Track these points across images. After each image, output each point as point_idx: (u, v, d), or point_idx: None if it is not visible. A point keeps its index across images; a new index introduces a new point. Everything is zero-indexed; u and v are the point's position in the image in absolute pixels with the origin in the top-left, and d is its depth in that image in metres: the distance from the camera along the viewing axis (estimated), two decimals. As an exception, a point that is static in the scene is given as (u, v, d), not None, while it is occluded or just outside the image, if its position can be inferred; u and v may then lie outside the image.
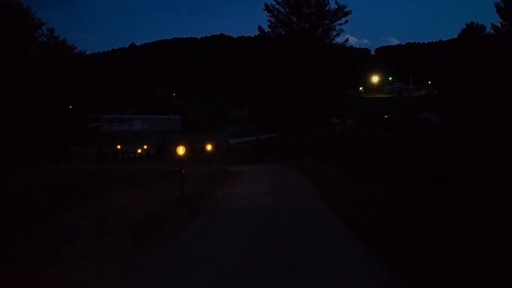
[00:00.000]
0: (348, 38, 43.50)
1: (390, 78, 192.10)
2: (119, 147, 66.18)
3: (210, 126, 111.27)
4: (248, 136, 80.00)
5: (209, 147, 22.59)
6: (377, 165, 11.85)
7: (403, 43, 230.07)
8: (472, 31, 64.44)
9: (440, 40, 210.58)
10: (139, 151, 51.05)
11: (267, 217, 8.35)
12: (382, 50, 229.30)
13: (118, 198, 13.43)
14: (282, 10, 41.63)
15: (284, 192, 12.34)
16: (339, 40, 42.63)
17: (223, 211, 9.41)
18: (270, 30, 41.72)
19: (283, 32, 42.06)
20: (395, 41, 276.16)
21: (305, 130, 39.00)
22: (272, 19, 41.48)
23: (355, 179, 12.84)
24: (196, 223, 8.09)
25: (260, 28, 41.53)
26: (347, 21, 41.04)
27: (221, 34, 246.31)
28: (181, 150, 11.99)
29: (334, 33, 41.20)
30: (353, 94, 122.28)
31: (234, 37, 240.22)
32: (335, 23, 40.89)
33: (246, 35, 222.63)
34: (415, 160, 9.23)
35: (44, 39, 50.43)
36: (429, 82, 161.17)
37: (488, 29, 62.08)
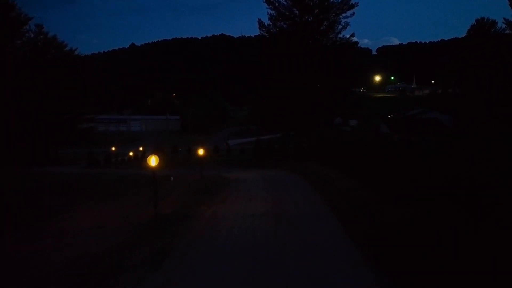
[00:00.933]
0: (354, 33, 40.34)
1: (392, 78, 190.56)
2: (113, 149, 63.57)
3: (209, 127, 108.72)
4: (249, 136, 77.49)
5: (201, 151, 19.68)
6: (411, 179, 9.02)
7: (405, 42, 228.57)
8: (483, 26, 61.43)
9: (442, 40, 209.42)
10: (131, 153, 48.20)
11: (267, 269, 5.51)
12: (383, 50, 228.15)
13: (77, 219, 10.65)
14: (284, 2, 38.73)
15: (289, 213, 9.48)
16: (345, 34, 39.61)
17: (204, 251, 6.56)
18: (270, 24, 38.72)
19: (284, 26, 39.10)
20: (395, 41, 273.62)
21: (307, 131, 36.17)
22: (273, 12, 38.54)
23: (380, 195, 10.02)
24: (159, 277, 5.27)
25: (259, 22, 38.55)
26: (353, 13, 38.10)
27: (222, 34, 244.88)
28: (153, 161, 9.07)
29: (340, 26, 38.26)
30: (357, 93, 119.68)
31: (235, 37, 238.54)
32: (341, 16, 37.95)
33: (246, 35, 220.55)
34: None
35: (32, 35, 47.77)
36: (432, 82, 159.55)
37: (500, 24, 59.34)
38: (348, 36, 39.51)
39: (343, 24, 38.42)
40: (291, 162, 26.90)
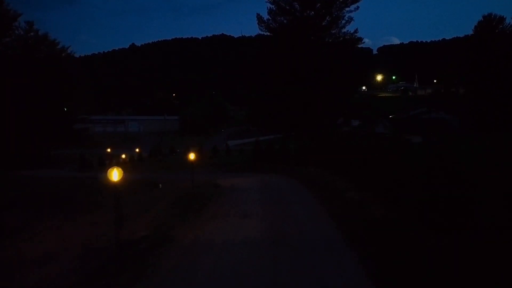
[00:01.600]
0: (357, 29, 38.29)
1: (394, 77, 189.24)
2: (109, 150, 61.71)
3: (209, 127, 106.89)
4: (249, 137, 75.73)
5: (192, 155, 17.65)
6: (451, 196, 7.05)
7: (406, 42, 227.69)
8: (490, 22, 59.18)
9: (444, 39, 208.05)
10: (123, 156, 46.13)
11: None
12: (384, 49, 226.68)
13: (33, 241, 8.77)
14: (284, -5, 36.73)
15: (290, 240, 7.50)
16: (349, 29, 37.55)
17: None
18: (269, 18, 36.68)
19: (284, 21, 37.07)
20: (396, 41, 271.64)
21: (310, 131, 34.24)
22: (272, 6, 36.51)
23: (404, 214, 8.07)
24: None
25: (258, 17, 36.54)
26: (357, 7, 36.12)
27: (222, 34, 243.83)
28: (115, 175, 7.08)
29: (343, 21, 36.21)
30: (359, 93, 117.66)
31: (235, 37, 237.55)
32: (344, 10, 35.93)
33: (247, 35, 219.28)
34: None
35: (22, 32, 45.74)
36: (435, 81, 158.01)
37: (509, 20, 57.35)
38: (352, 31, 37.52)
39: (346, 18, 36.44)
40: (292, 165, 24.94)
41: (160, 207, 11.90)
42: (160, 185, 19.20)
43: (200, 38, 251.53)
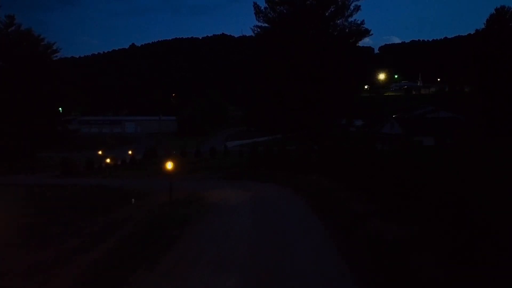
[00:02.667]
0: (364, 20, 34.59)
1: (396, 76, 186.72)
2: (100, 152, 58.72)
3: (208, 128, 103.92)
4: (249, 138, 73.17)
5: (169, 165, 14.27)
6: None
7: (407, 41, 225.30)
8: (503, 15, 55.56)
9: (446, 38, 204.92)
10: (108, 160, 42.88)
11: None
12: (386, 48, 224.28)
13: None
14: (283, -18, 33.16)
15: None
16: (356, 18, 33.84)
17: None
18: (267, 7, 33.06)
19: (284, 11, 33.59)
20: (396, 40, 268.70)
21: (313, 133, 30.92)
22: (270, -4, 32.96)
23: (466, 267, 4.83)
24: None
25: (255, 6, 32.99)
26: (364, -5, 32.50)
27: (222, 33, 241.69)
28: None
29: (350, 10, 32.64)
30: (362, 91, 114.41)
31: (235, 36, 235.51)
32: (351, -1, 32.34)
33: (247, 35, 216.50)
34: None
35: (1, 27, 42.45)
36: (438, 79, 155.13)
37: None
38: (359, 22, 33.88)
39: (353, 7, 32.85)
40: (293, 173, 21.67)
41: (108, 245, 8.56)
42: (133, 200, 15.91)
43: (200, 38, 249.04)
